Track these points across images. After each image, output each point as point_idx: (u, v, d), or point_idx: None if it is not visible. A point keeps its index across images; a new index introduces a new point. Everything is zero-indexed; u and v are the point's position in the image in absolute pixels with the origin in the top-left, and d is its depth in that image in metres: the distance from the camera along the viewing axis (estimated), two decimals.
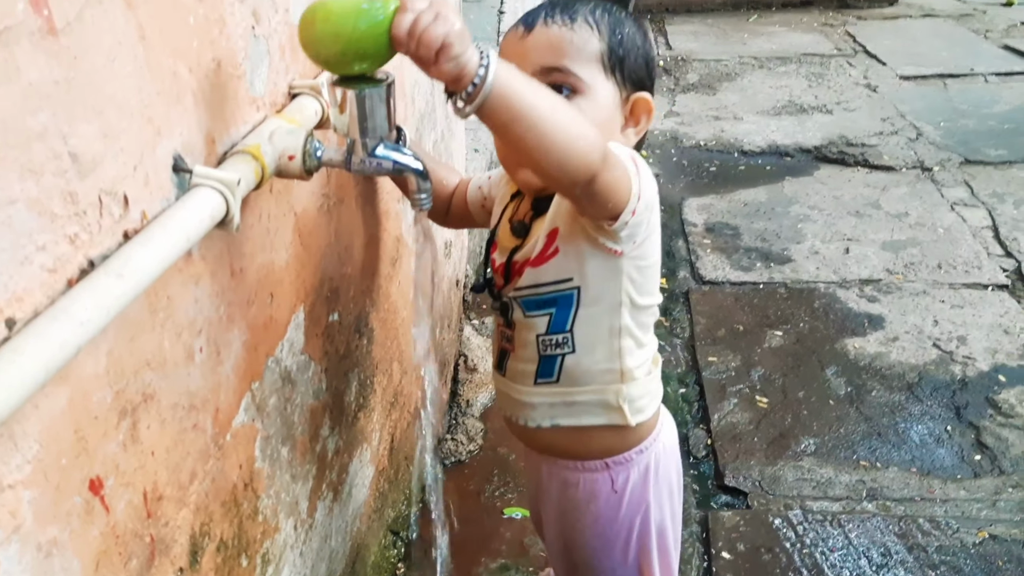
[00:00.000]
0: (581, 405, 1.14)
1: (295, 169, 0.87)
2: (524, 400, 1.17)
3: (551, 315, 1.11)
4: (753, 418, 2.19)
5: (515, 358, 1.17)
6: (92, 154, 0.63)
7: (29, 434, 0.59)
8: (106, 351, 0.67)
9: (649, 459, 1.19)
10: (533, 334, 1.13)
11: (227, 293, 0.87)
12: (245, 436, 0.95)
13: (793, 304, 2.69)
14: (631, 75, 1.09)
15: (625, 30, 1.09)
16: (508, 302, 1.15)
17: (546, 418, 1.16)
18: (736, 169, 3.69)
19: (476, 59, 0.82)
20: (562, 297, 1.10)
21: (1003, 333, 2.48)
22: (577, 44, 1.06)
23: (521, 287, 1.12)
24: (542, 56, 1.06)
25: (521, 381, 1.17)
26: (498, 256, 1.17)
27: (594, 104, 1.07)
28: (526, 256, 1.11)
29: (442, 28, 0.78)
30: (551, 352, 1.12)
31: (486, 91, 0.82)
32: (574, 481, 1.19)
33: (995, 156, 3.64)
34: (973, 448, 2.05)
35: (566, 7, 1.08)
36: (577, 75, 1.05)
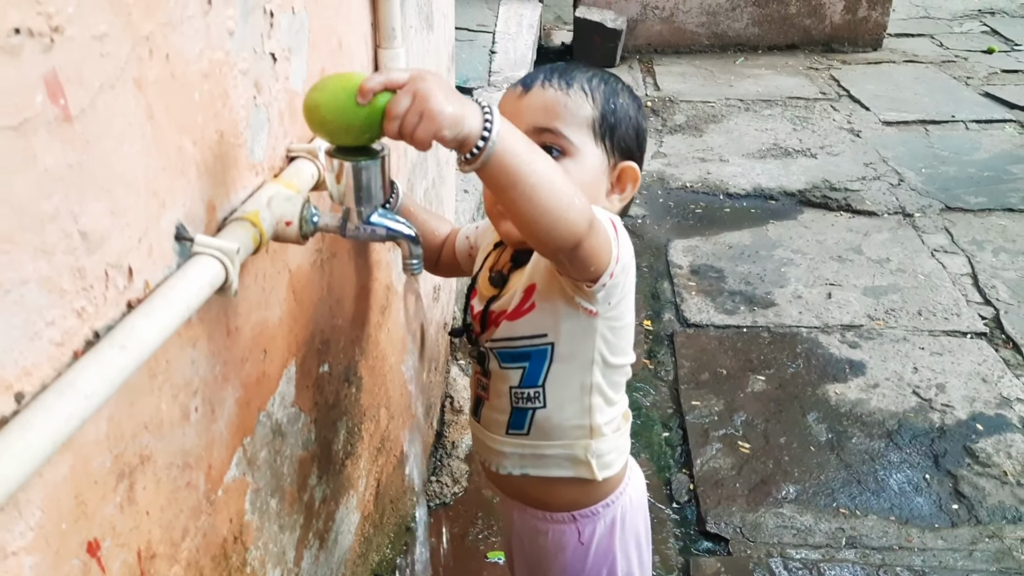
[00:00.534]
0: (550, 458, 1.17)
1: (292, 234, 0.90)
2: (496, 448, 1.21)
3: (524, 368, 1.14)
4: (735, 463, 2.22)
5: (489, 407, 1.21)
6: (100, 231, 0.66)
7: (32, 502, 0.61)
8: (107, 417, 0.70)
9: (616, 512, 1.23)
10: (507, 385, 1.16)
11: (222, 353, 0.90)
12: (236, 490, 0.97)
13: (776, 349, 2.73)
14: (620, 144, 1.14)
15: (619, 101, 1.14)
16: (485, 351, 1.19)
17: (516, 467, 1.20)
18: (721, 211, 3.75)
19: (479, 125, 0.86)
20: (536, 352, 1.13)
21: (981, 381, 2.52)
22: (571, 108, 1.10)
23: (497, 339, 1.16)
24: (536, 116, 1.10)
25: (494, 430, 1.21)
26: (476, 303, 1.21)
27: (581, 167, 1.11)
28: (503, 308, 1.14)
29: (429, 128, 0.83)
30: (523, 405, 1.16)
31: (487, 155, 0.86)
32: (543, 530, 1.23)
33: (975, 203, 3.72)
34: (951, 497, 2.09)
35: (564, 73, 1.13)
36: (568, 138, 1.10)
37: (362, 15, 1.29)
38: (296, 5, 1.01)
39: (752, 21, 5.95)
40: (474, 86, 4.06)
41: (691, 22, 5.94)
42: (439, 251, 1.37)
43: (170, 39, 0.74)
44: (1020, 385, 2.49)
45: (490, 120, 0.86)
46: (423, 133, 0.82)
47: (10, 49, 0.55)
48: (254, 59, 0.91)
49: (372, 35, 1.33)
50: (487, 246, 1.28)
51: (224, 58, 0.84)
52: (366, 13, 1.30)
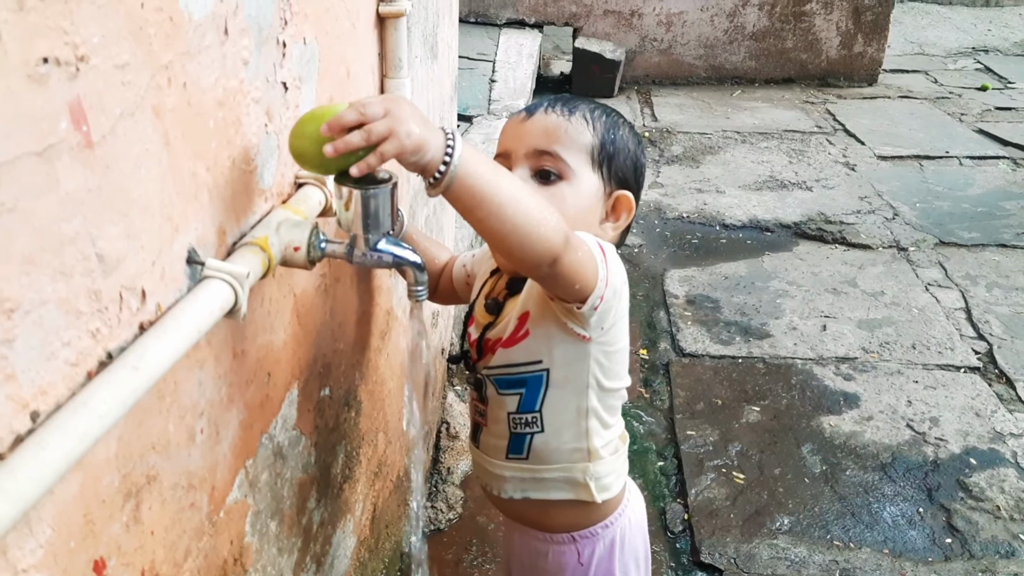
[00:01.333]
0: (550, 481, 1.19)
1: (299, 260, 0.92)
2: (496, 472, 1.23)
3: (521, 395, 1.16)
4: (730, 494, 2.23)
5: (487, 432, 1.23)
6: (116, 254, 0.68)
7: (43, 519, 0.62)
8: (116, 436, 0.71)
9: (615, 533, 1.24)
10: (504, 412, 1.18)
11: (228, 375, 0.91)
12: (237, 512, 0.97)
13: (771, 380, 2.74)
14: (617, 173, 1.17)
15: (619, 132, 1.17)
16: (482, 378, 1.21)
17: (517, 490, 1.22)
18: (718, 242, 3.78)
19: (441, 150, 0.88)
20: (532, 378, 1.15)
21: (974, 416, 2.54)
22: (571, 134, 1.14)
23: (493, 366, 1.18)
24: (536, 139, 1.14)
25: (493, 455, 1.23)
26: (473, 331, 1.23)
27: (576, 191, 1.14)
28: (498, 335, 1.16)
29: (393, 144, 0.85)
30: (521, 430, 1.18)
31: (449, 179, 0.89)
32: (544, 551, 1.25)
33: (968, 239, 3.75)
34: (944, 531, 2.09)
35: (568, 102, 1.17)
36: (566, 161, 1.13)
37: (370, 46, 1.31)
38: (307, 35, 1.04)
39: (749, 54, 6.03)
40: (474, 114, 4.10)
41: (689, 54, 6.01)
42: (438, 278, 1.39)
43: (188, 68, 0.76)
44: (1013, 420, 2.51)
45: (452, 145, 0.88)
46: (388, 148, 0.85)
47: (38, 78, 0.57)
48: (266, 88, 0.93)
49: (379, 65, 1.36)
50: (484, 273, 1.30)
51: (238, 87, 0.86)
52: (374, 44, 1.33)
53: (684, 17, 5.89)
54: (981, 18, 8.05)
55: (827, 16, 5.94)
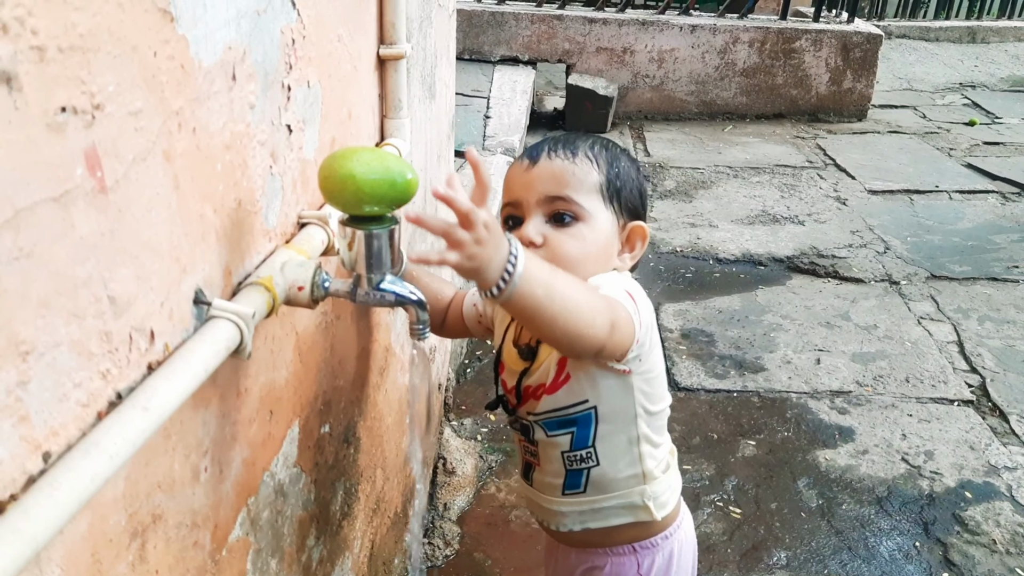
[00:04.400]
0: (609, 509, 1.23)
1: (303, 299, 0.93)
2: (554, 509, 1.26)
3: (573, 433, 1.19)
4: (727, 529, 2.23)
5: (541, 471, 1.26)
6: (127, 296, 0.69)
7: (52, 559, 0.63)
8: (124, 476, 0.71)
9: (673, 545, 1.28)
10: (558, 451, 1.21)
11: (232, 414, 0.92)
12: (239, 550, 0.98)
13: (766, 414, 2.75)
14: (627, 204, 1.20)
15: (621, 164, 1.20)
16: (529, 424, 1.23)
17: (576, 523, 1.25)
18: (711, 276, 3.80)
19: (500, 270, 0.91)
20: (581, 417, 1.18)
21: (969, 449, 2.55)
22: (579, 176, 1.16)
23: (540, 412, 1.20)
24: (546, 186, 1.16)
25: (549, 492, 1.25)
26: (507, 378, 1.25)
27: (594, 231, 1.16)
28: (540, 382, 1.19)
29: (460, 259, 0.89)
30: (577, 467, 1.21)
31: (504, 298, 0.92)
32: (601, 564, 1.27)
33: (959, 272, 3.79)
34: (941, 565, 2.09)
35: (567, 143, 1.19)
36: (579, 203, 1.15)
37: (371, 87, 1.34)
38: (311, 79, 1.06)
39: (740, 90, 6.10)
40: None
41: (681, 90, 6.09)
42: (444, 314, 1.40)
43: (197, 113, 0.78)
44: (1007, 453, 2.52)
45: (513, 264, 0.91)
46: (451, 258, 0.88)
47: (56, 126, 0.59)
48: (271, 131, 0.95)
49: (380, 105, 1.38)
50: (504, 317, 1.31)
51: (245, 130, 0.88)
52: (374, 85, 1.35)
53: (676, 54, 5.97)
54: (968, 54, 8.18)
55: (816, 53, 6.02)
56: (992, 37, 8.50)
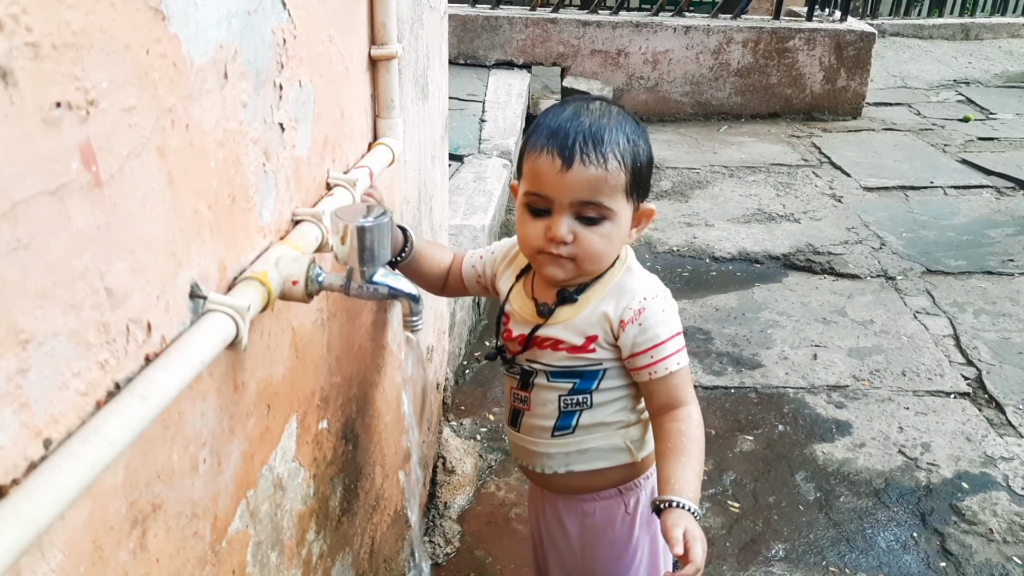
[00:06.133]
0: (593, 451, 1.31)
1: (298, 293, 0.95)
2: (540, 451, 1.33)
3: (575, 383, 1.28)
4: (725, 523, 2.24)
5: (531, 415, 1.33)
6: (124, 288, 0.71)
7: (55, 544, 0.64)
8: (124, 465, 0.73)
9: (653, 483, 1.36)
10: (556, 395, 1.29)
11: (230, 407, 0.94)
12: (239, 542, 0.99)
13: (764, 409, 2.77)
14: (643, 190, 1.25)
15: (640, 151, 1.22)
16: (530, 369, 1.30)
17: (561, 465, 1.32)
18: (708, 275, 3.82)
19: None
20: (590, 372, 1.27)
21: (965, 440, 2.56)
22: (611, 183, 1.19)
23: (552, 364, 1.28)
24: (580, 193, 1.19)
25: (538, 435, 1.33)
26: (515, 327, 1.32)
27: (618, 226, 1.23)
28: (557, 338, 1.27)
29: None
30: (571, 409, 1.29)
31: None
32: (590, 511, 1.35)
33: (955, 267, 3.80)
34: (938, 555, 2.11)
35: (597, 143, 1.19)
36: (609, 207, 1.21)
37: (363, 87, 1.36)
38: (303, 78, 1.08)
39: (735, 91, 6.13)
40: (465, 153, 4.15)
41: (675, 91, 6.11)
42: (445, 276, 1.47)
43: (190, 110, 0.79)
44: (1004, 444, 2.53)
45: (698, 516, 1.16)
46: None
47: (51, 121, 0.60)
48: (264, 129, 0.97)
49: (372, 105, 1.40)
50: (510, 275, 1.39)
51: (238, 128, 0.90)
52: (366, 85, 1.37)
53: (670, 55, 6.00)
54: (961, 51, 8.21)
55: (810, 52, 6.05)
56: (985, 34, 8.53)
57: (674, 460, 1.21)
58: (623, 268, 1.30)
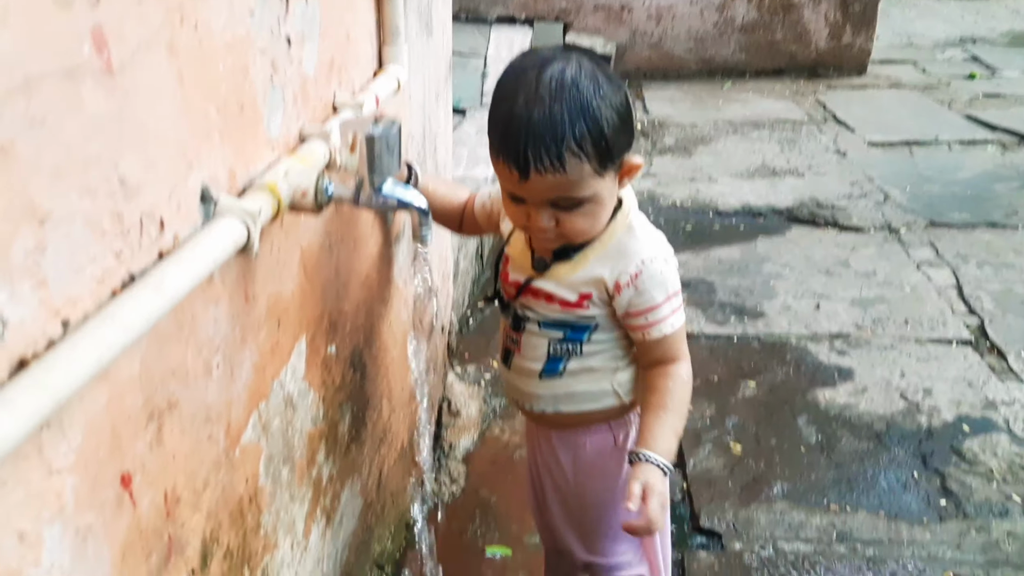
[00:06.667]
0: (581, 394, 1.31)
1: (307, 204, 0.95)
2: (528, 391, 1.34)
3: (566, 332, 1.27)
4: (727, 464, 2.26)
5: (520, 357, 1.33)
6: (136, 180, 0.71)
7: (75, 425, 0.65)
8: (139, 358, 0.74)
9: None
10: (546, 341, 1.28)
11: (241, 316, 0.95)
12: (252, 453, 1.01)
13: (766, 357, 2.78)
14: (618, 154, 1.15)
15: (605, 122, 1.10)
16: (523, 315, 1.30)
17: (549, 406, 1.33)
18: (711, 228, 3.82)
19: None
20: (582, 325, 1.27)
21: (967, 386, 2.58)
22: (573, 179, 1.11)
23: (543, 314, 1.27)
24: (546, 194, 1.13)
25: (526, 376, 1.33)
26: (512, 272, 1.31)
27: (600, 201, 1.17)
28: (550, 292, 1.25)
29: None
30: (560, 354, 1.29)
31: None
32: (582, 443, 1.36)
33: (959, 219, 3.80)
34: (939, 493, 2.13)
35: (549, 148, 1.08)
36: (582, 195, 1.14)
37: (368, 13, 1.35)
38: None
39: (739, 47, 6.08)
40: (467, 107, 4.14)
41: (679, 48, 6.06)
42: (460, 215, 1.45)
43: (199, 9, 0.79)
44: (1005, 388, 2.55)
45: (667, 472, 1.18)
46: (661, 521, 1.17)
47: (64, 3, 0.61)
48: (271, 39, 0.97)
49: (377, 33, 1.40)
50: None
51: (245, 35, 0.90)
52: (371, 12, 1.37)
53: (674, 11, 5.94)
54: (968, 9, 8.12)
55: (815, 8, 5.99)
56: None
57: (654, 415, 1.23)
58: (624, 225, 1.24)
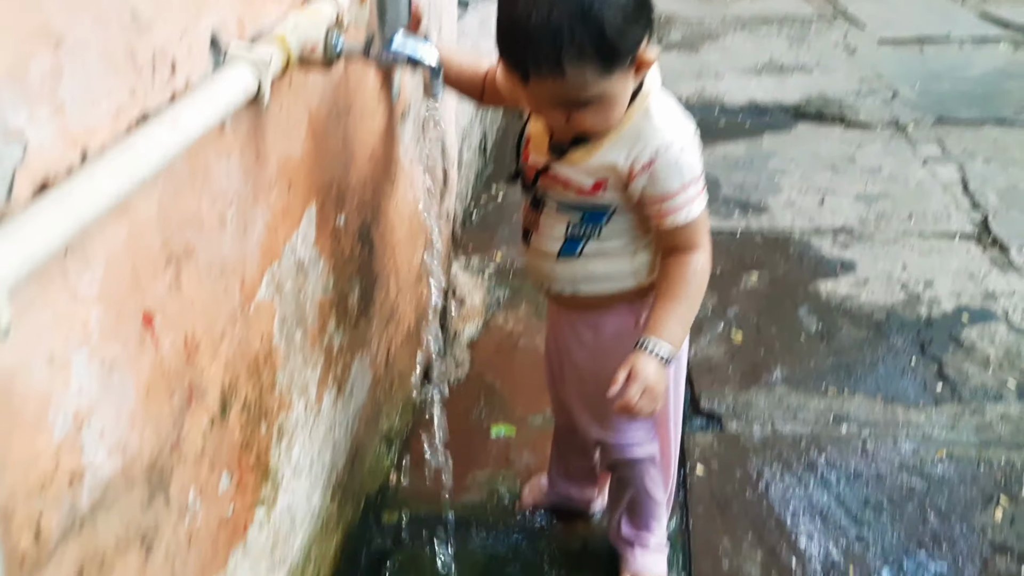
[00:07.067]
0: (599, 276, 1.29)
1: (317, 58, 0.94)
2: (547, 272, 1.32)
3: (584, 215, 1.25)
4: (728, 351, 2.30)
5: (539, 237, 1.31)
6: (148, 16, 0.70)
7: (98, 256, 0.66)
8: (156, 199, 0.75)
9: None
10: (565, 222, 1.26)
11: (252, 173, 0.95)
12: (266, 311, 1.02)
13: (769, 250, 2.79)
14: (627, 52, 1.11)
15: (605, 24, 1.05)
16: (541, 196, 1.28)
17: (568, 286, 1.31)
18: (717, 124, 3.78)
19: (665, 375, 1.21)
20: (601, 208, 1.24)
21: (968, 278, 2.59)
22: (575, 83, 1.07)
23: (561, 199, 1.25)
24: (550, 96, 1.10)
25: (544, 256, 1.31)
26: (533, 155, 1.28)
27: (610, 101, 1.12)
28: (567, 177, 1.22)
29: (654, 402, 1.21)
30: (578, 236, 1.27)
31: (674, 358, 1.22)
32: (602, 324, 1.35)
33: (967, 116, 3.75)
34: (935, 379, 2.17)
35: (548, 54, 1.05)
36: (590, 95, 1.09)
37: None
38: None
39: None
40: None
41: None
42: (482, 86, 1.39)
43: None
44: (1006, 280, 2.56)
45: (666, 360, 1.20)
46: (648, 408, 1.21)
47: None
48: None
49: None
50: None
51: None
52: None
53: None
54: None
55: None
56: None
57: (663, 302, 1.22)
58: (641, 110, 1.19)
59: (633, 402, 1.19)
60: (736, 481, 1.85)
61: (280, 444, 1.11)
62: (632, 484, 1.52)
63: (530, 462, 1.89)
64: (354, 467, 1.51)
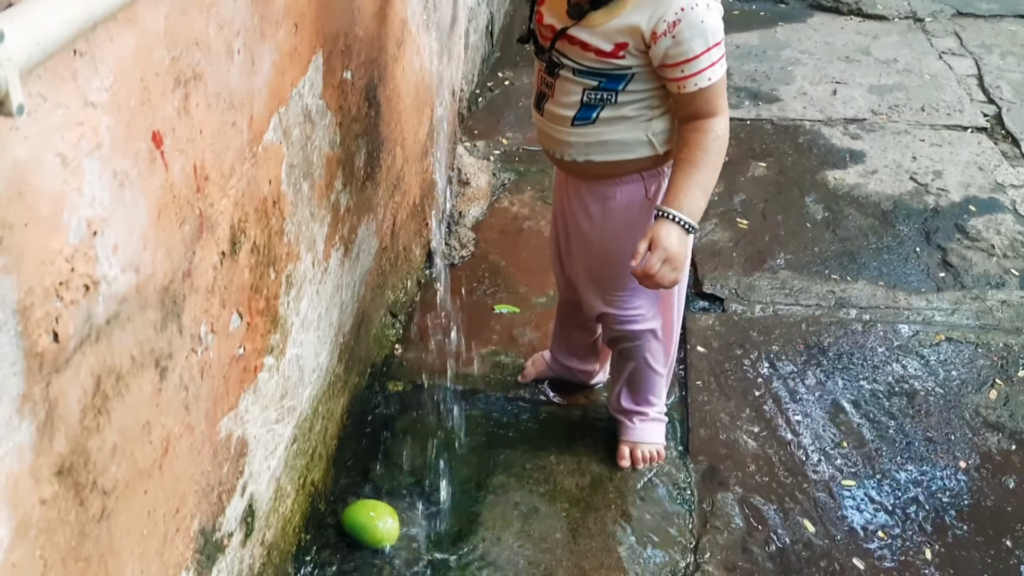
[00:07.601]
0: (614, 143, 1.27)
1: None
2: (560, 138, 1.30)
3: (601, 81, 1.22)
4: (733, 237, 2.29)
5: (554, 103, 1.28)
6: None
7: (107, 63, 0.65)
8: (164, 14, 0.73)
9: None
10: (581, 88, 1.24)
11: (259, 7, 0.92)
12: (274, 154, 1.01)
13: (778, 139, 2.76)
14: None
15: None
16: (558, 60, 1.25)
17: (581, 154, 1.30)
18: (729, 13, 3.64)
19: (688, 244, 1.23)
20: (619, 74, 1.21)
21: (977, 169, 2.57)
22: None
23: (579, 61, 1.22)
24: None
25: (558, 123, 1.29)
26: (547, 15, 1.25)
27: None
28: (585, 41, 1.20)
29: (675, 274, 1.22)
30: (595, 102, 1.24)
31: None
32: (611, 195, 1.34)
33: (986, 10, 3.65)
34: (939, 267, 2.17)
35: None
36: None
37: None
38: None
39: None
40: None
41: None
42: None
43: None
44: (1015, 173, 2.54)
45: (691, 229, 1.22)
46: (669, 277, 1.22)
47: None
48: None
49: None
50: None
51: None
52: None
53: None
54: None
55: None
56: None
57: (683, 171, 1.21)
58: None
59: (654, 270, 1.18)
60: (736, 359, 1.88)
61: (288, 294, 1.12)
62: (633, 358, 1.53)
63: (533, 339, 1.91)
64: (360, 333, 1.53)
